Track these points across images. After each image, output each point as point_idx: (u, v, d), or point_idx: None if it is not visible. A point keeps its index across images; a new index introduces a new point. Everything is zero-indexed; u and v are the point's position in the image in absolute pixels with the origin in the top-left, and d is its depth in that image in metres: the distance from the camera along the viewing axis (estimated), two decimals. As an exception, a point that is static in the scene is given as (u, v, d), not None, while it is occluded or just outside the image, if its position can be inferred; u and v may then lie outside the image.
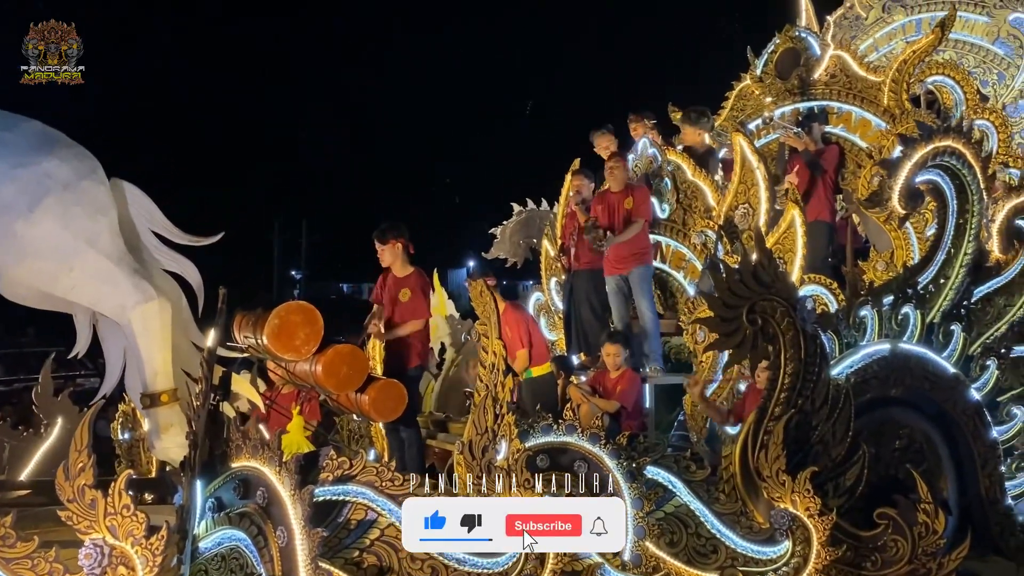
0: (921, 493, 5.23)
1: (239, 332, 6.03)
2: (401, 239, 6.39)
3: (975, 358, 5.98)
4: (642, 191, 7.43)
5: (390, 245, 6.39)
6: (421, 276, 6.47)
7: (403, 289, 6.35)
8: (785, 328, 5.09)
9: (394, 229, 6.42)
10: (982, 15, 8.75)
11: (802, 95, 7.84)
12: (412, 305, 6.31)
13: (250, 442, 4.42)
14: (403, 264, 6.44)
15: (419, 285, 6.39)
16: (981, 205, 5.83)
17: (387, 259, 6.45)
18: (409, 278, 6.41)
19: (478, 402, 4.92)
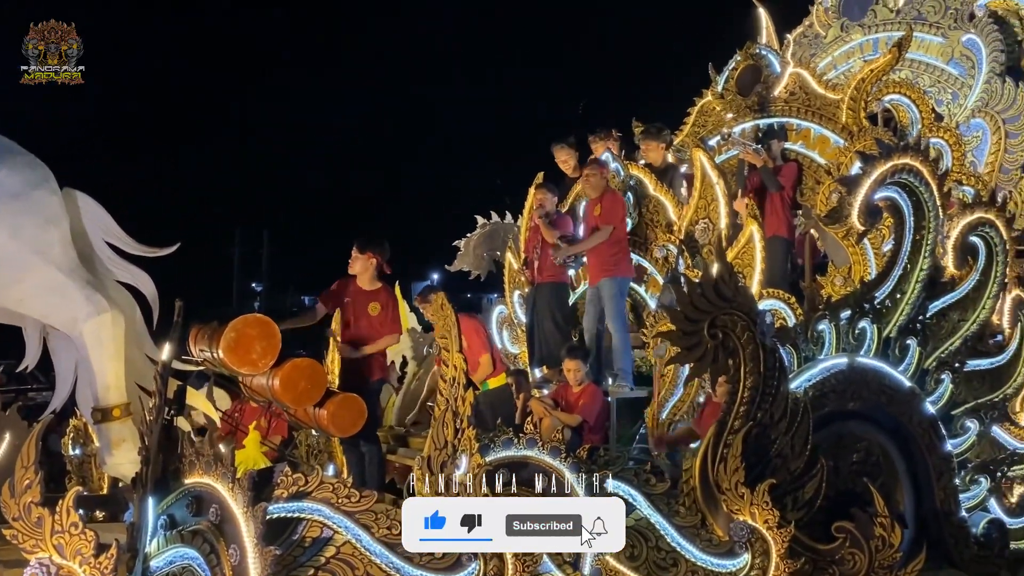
0: (878, 506, 5.30)
1: (195, 345, 5.91)
2: (379, 256, 6.34)
3: (930, 372, 6.05)
4: (611, 198, 7.37)
5: (366, 256, 6.34)
6: (389, 292, 6.44)
7: (372, 303, 6.30)
8: (745, 342, 5.12)
9: (376, 243, 6.38)
10: (937, 36, 8.94)
11: (762, 112, 7.93)
12: (383, 319, 6.27)
13: (203, 458, 4.33)
14: (372, 278, 6.38)
15: (389, 300, 6.36)
16: (937, 222, 5.92)
17: (357, 268, 6.39)
18: (379, 293, 6.36)
19: (438, 416, 4.88)
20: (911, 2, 9.17)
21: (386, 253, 6.42)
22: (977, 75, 8.50)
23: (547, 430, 6.33)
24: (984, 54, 8.48)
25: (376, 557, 4.36)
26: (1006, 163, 8.11)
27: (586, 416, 6.66)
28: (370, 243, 6.37)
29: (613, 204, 7.34)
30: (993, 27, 8.53)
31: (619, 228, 7.27)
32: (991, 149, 8.20)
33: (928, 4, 9.04)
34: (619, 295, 7.25)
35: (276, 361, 5.63)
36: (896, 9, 9.26)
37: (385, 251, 6.42)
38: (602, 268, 7.26)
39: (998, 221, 6.17)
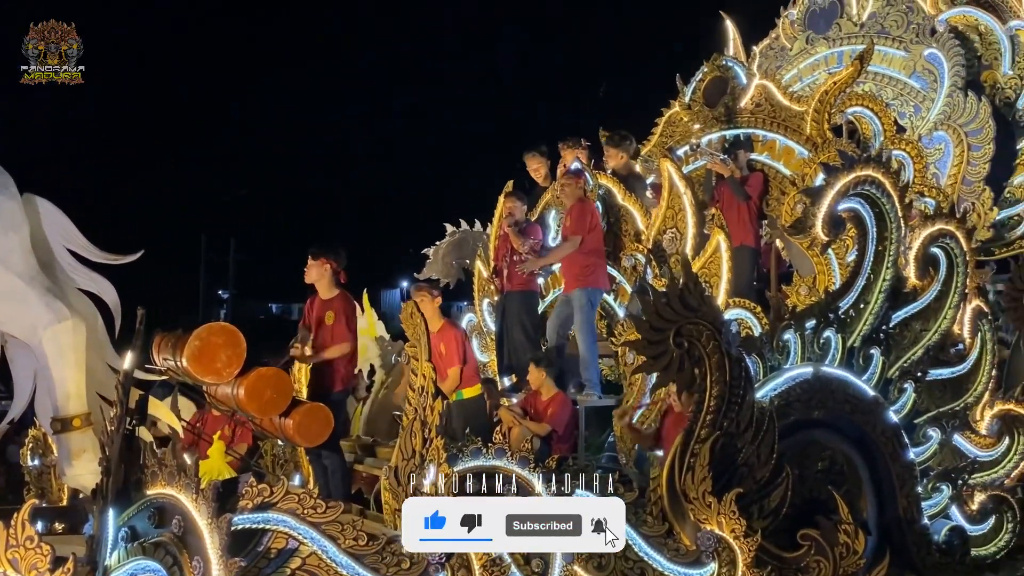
0: (842, 514, 5.36)
1: (158, 354, 5.83)
2: (333, 261, 6.28)
3: (893, 381, 6.12)
4: (579, 208, 7.36)
5: (319, 263, 6.28)
6: (346, 299, 6.35)
7: (328, 312, 6.24)
8: (711, 351, 5.16)
9: (330, 250, 6.32)
10: (899, 50, 9.08)
11: (728, 123, 8.00)
12: (336, 329, 6.19)
13: (166, 468, 4.27)
14: (329, 286, 6.32)
15: (344, 308, 6.27)
16: (899, 233, 6.01)
17: (312, 276, 6.33)
18: (334, 301, 6.30)
19: (406, 425, 4.86)
20: (874, 16, 9.31)
21: (341, 260, 6.37)
22: (939, 89, 8.64)
23: (516, 439, 6.33)
24: (946, 68, 8.63)
25: (342, 568, 4.32)
26: (968, 175, 8.25)
27: (555, 425, 6.66)
28: (324, 250, 6.32)
29: (582, 214, 7.35)
30: (954, 42, 8.68)
31: (590, 238, 7.25)
32: (953, 162, 8.34)
33: (891, 19, 9.18)
34: (589, 305, 7.25)
35: (241, 370, 5.58)
36: (860, 23, 9.39)
37: (340, 258, 6.36)
38: (575, 277, 7.26)
39: (958, 233, 6.28)
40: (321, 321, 6.24)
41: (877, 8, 9.28)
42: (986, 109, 8.32)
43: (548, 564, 4.70)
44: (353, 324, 6.27)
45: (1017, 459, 6.43)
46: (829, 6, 9.68)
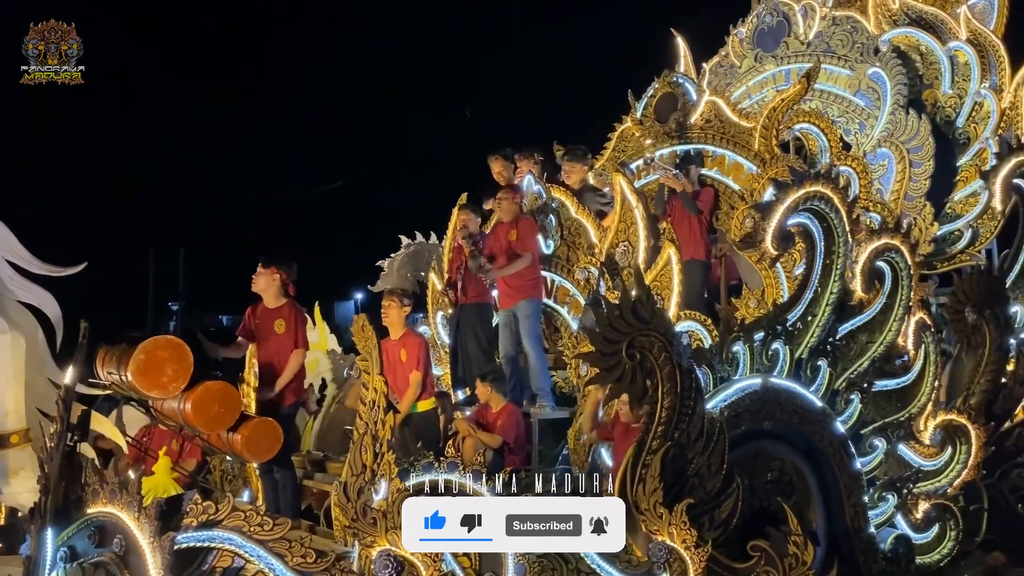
0: (792, 525, 5.41)
1: (102, 368, 5.69)
2: (283, 272, 6.21)
3: (840, 392, 6.22)
4: (528, 224, 7.47)
5: (269, 272, 6.20)
6: (295, 308, 6.28)
7: (277, 320, 6.15)
8: (662, 363, 5.19)
9: (281, 260, 6.25)
10: (845, 68, 9.30)
11: (679, 138, 8.11)
12: (288, 336, 6.11)
13: (108, 486, 4.16)
14: (276, 295, 6.24)
15: (294, 316, 6.20)
16: (846, 247, 6.12)
17: (260, 285, 6.25)
18: (283, 309, 6.22)
19: (356, 440, 4.80)
20: (821, 35, 9.52)
21: (292, 271, 6.30)
22: (882, 106, 8.86)
23: (469, 450, 6.30)
24: (889, 87, 8.86)
25: (290, 586, 4.24)
26: (910, 191, 8.46)
27: (505, 437, 6.64)
28: (274, 259, 6.26)
29: (530, 230, 7.42)
30: (897, 61, 8.92)
31: (536, 252, 7.38)
32: (896, 178, 8.54)
33: (836, 38, 9.40)
34: (535, 316, 7.31)
35: (188, 384, 5.47)
36: (807, 42, 9.61)
37: (291, 269, 6.30)
38: (520, 290, 7.31)
39: (903, 247, 6.41)
40: (270, 331, 6.14)
41: (823, 27, 9.50)
42: (926, 127, 8.55)
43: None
44: (303, 331, 6.18)
45: (959, 468, 6.55)
46: (777, 25, 9.88)
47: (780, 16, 9.81)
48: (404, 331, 6.85)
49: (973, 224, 8.38)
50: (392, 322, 6.79)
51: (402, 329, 6.82)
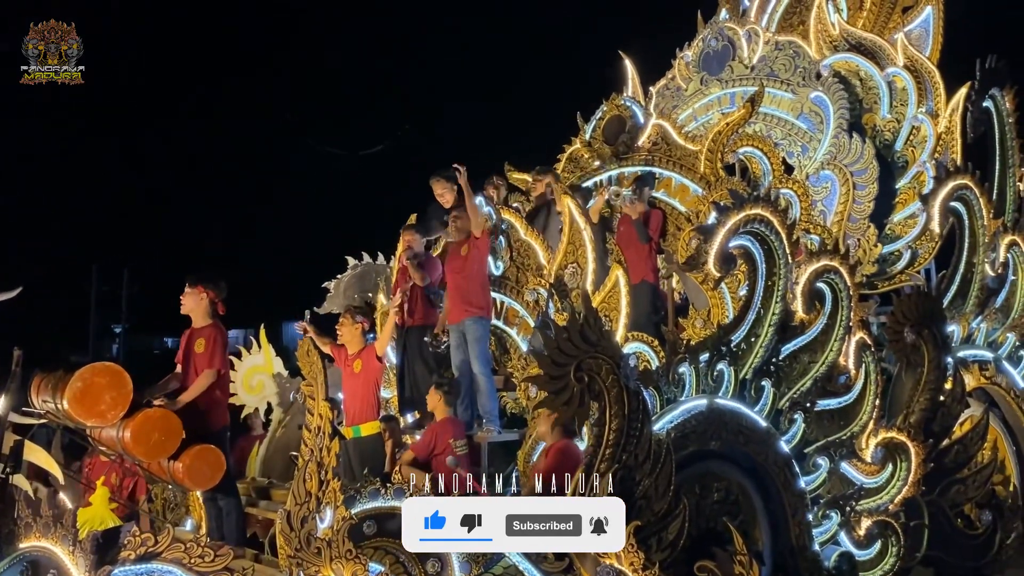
0: (737, 545, 5.45)
1: (37, 396, 5.53)
2: (210, 291, 6.07)
3: (784, 412, 6.29)
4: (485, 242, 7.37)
5: (196, 291, 6.07)
6: (217, 328, 6.12)
7: (198, 339, 6.03)
8: (610, 385, 5.20)
9: (207, 278, 6.11)
10: (787, 92, 9.50)
11: (627, 160, 8.20)
12: (205, 356, 5.96)
13: (41, 519, 4.03)
14: (204, 316, 6.11)
15: (214, 336, 6.03)
16: (787, 268, 6.22)
17: (187, 305, 6.11)
18: (205, 329, 6.08)
19: (300, 467, 4.72)
20: (764, 60, 9.71)
21: (221, 290, 6.17)
22: (825, 130, 9.06)
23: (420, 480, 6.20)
24: (831, 110, 9.06)
25: (231, 618, 4.15)
26: (854, 213, 8.64)
27: (415, 451, 6.48)
28: (202, 278, 6.13)
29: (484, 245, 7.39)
30: (839, 86, 9.14)
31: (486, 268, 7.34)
32: (840, 200, 8.73)
33: (779, 62, 9.60)
34: (485, 337, 7.25)
35: (127, 412, 5.34)
36: (751, 66, 9.79)
37: (219, 288, 6.16)
38: (473, 306, 7.17)
39: (842, 268, 6.54)
40: (192, 351, 6.01)
41: (767, 52, 9.70)
42: (870, 150, 8.76)
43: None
44: (222, 351, 6.02)
45: (900, 485, 6.66)
46: (722, 49, 10.05)
47: (725, 40, 9.99)
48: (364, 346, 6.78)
49: (912, 245, 8.59)
50: (347, 339, 6.71)
51: (360, 344, 6.74)
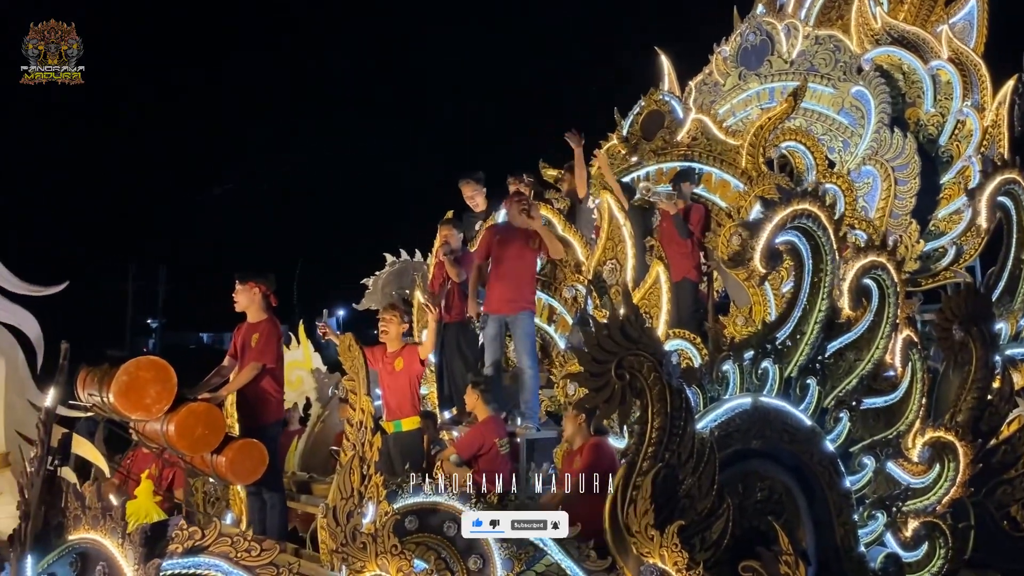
0: (782, 545, 5.37)
1: (83, 390, 5.59)
2: (261, 285, 6.14)
3: (829, 411, 6.18)
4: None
5: (248, 287, 6.14)
6: (272, 323, 6.19)
7: (253, 335, 6.07)
8: (652, 383, 5.14)
9: (256, 274, 6.18)
10: (828, 87, 9.37)
11: (665, 155, 8.12)
12: (258, 349, 6.01)
13: (90, 511, 4.06)
14: (259, 310, 6.17)
15: (269, 330, 6.09)
16: (834, 265, 6.11)
17: (242, 302, 6.18)
18: (261, 323, 6.14)
19: (344, 462, 4.72)
20: (804, 54, 9.59)
21: (271, 283, 6.24)
22: (867, 125, 8.92)
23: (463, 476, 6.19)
24: (872, 105, 8.92)
25: (276, 613, 4.15)
26: (896, 209, 8.50)
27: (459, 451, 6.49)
28: (251, 274, 6.20)
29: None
30: (880, 80, 8.99)
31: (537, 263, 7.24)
32: (881, 195, 8.58)
33: (820, 57, 9.47)
34: (534, 332, 7.20)
35: (171, 405, 5.38)
36: (790, 60, 9.67)
37: (269, 281, 6.24)
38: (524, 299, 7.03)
39: (889, 264, 6.41)
40: (248, 345, 6.06)
41: (806, 46, 9.57)
42: (912, 145, 8.61)
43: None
44: (273, 346, 6.06)
45: (947, 485, 6.54)
46: (760, 43, 9.94)
47: (763, 35, 9.87)
48: (403, 344, 6.78)
49: (957, 241, 8.43)
50: (390, 337, 6.71)
51: (400, 344, 6.74)
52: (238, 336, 6.19)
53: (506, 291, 7.03)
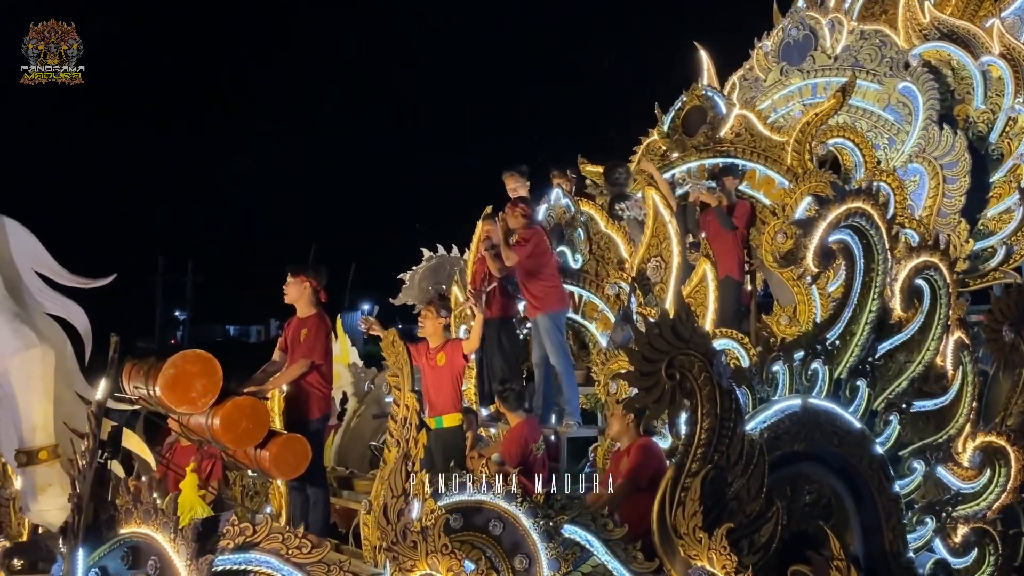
0: (834, 549, 5.28)
1: (128, 382, 5.58)
2: (312, 279, 6.09)
3: (879, 413, 6.10)
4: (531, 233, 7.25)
5: (299, 280, 6.08)
6: (322, 318, 6.13)
7: (303, 330, 6.03)
8: (702, 383, 5.08)
9: (310, 267, 6.13)
10: (873, 82, 9.19)
11: (708, 151, 8.01)
12: (305, 345, 5.96)
13: (142, 505, 4.05)
14: (308, 305, 6.11)
15: (319, 326, 6.04)
16: (886, 264, 6.01)
17: (291, 295, 6.13)
18: (310, 319, 6.09)
19: (390, 460, 4.68)
20: (849, 49, 9.42)
21: (322, 277, 6.18)
22: (914, 121, 8.74)
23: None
24: (920, 102, 8.75)
25: (327, 612, 4.12)
26: (944, 207, 8.34)
27: (504, 457, 6.45)
28: (303, 267, 6.14)
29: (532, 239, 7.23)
30: (928, 76, 8.81)
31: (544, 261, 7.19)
32: (929, 194, 8.42)
33: (865, 52, 9.30)
34: (555, 329, 7.15)
35: (216, 399, 5.36)
36: (834, 56, 9.51)
37: (320, 275, 6.18)
38: (539, 301, 7.16)
39: (942, 264, 6.30)
40: (296, 341, 6.03)
41: (851, 41, 9.40)
42: (962, 142, 8.44)
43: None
44: (322, 342, 6.00)
45: (998, 491, 6.43)
46: (803, 39, 9.78)
47: (806, 30, 9.71)
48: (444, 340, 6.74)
49: (1007, 241, 8.27)
50: (429, 332, 6.67)
51: (442, 339, 6.69)
52: (288, 330, 6.16)
53: (526, 294, 7.24)
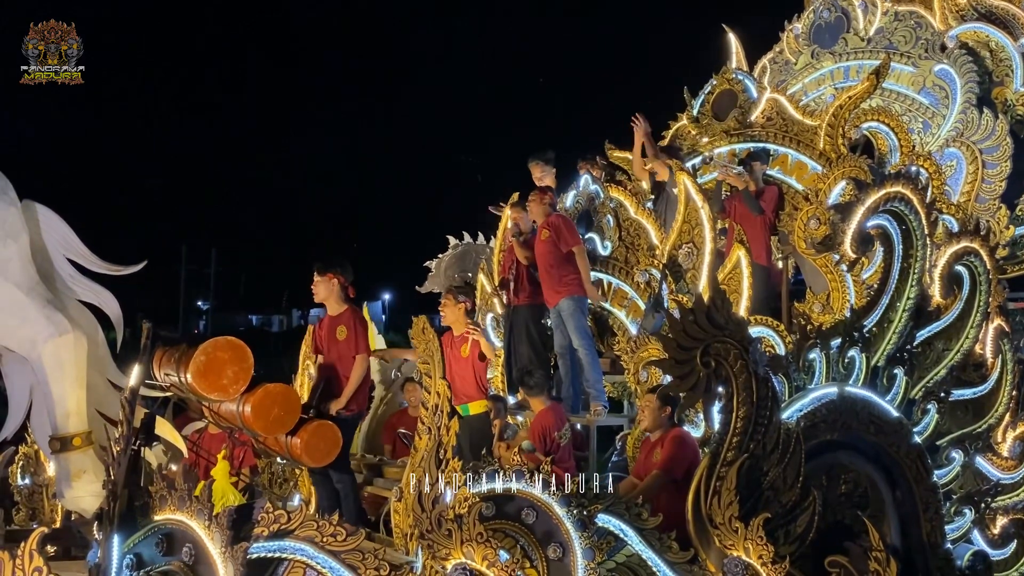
0: (872, 540, 5.19)
1: (159, 369, 5.58)
2: (340, 276, 6.08)
3: (916, 402, 6.01)
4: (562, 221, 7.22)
5: (327, 279, 6.07)
6: (356, 313, 6.15)
7: (339, 327, 6.01)
8: (738, 371, 5.00)
9: (337, 264, 6.11)
10: (908, 65, 9.02)
11: (738, 136, 7.89)
12: (350, 342, 5.95)
13: (176, 492, 4.04)
14: (338, 301, 6.11)
15: (355, 321, 6.05)
16: (925, 250, 5.90)
17: (320, 293, 6.12)
18: (344, 315, 6.08)
19: (423, 448, 4.64)
20: (882, 31, 9.25)
21: (348, 274, 6.17)
22: (951, 105, 8.57)
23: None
24: (959, 84, 8.57)
25: (363, 600, 4.09)
26: (983, 193, 8.18)
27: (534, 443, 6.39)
28: (330, 264, 6.12)
29: (569, 225, 7.21)
30: (967, 58, 8.63)
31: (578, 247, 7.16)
32: (967, 179, 8.26)
33: (899, 34, 9.13)
34: (580, 313, 7.11)
35: (247, 387, 5.35)
36: (867, 38, 9.33)
37: (347, 271, 6.17)
38: (558, 288, 7.09)
39: (982, 251, 6.18)
40: (332, 339, 6.01)
41: (885, 23, 9.23)
42: (1004, 126, 8.27)
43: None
44: (364, 335, 6.02)
45: (1039, 482, 6.31)
46: (835, 21, 9.62)
47: (839, 11, 9.55)
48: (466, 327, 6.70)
49: (1049, 227, 8.09)
50: (450, 320, 6.62)
51: (464, 326, 6.65)
52: (320, 330, 6.16)
53: (545, 284, 7.19)
